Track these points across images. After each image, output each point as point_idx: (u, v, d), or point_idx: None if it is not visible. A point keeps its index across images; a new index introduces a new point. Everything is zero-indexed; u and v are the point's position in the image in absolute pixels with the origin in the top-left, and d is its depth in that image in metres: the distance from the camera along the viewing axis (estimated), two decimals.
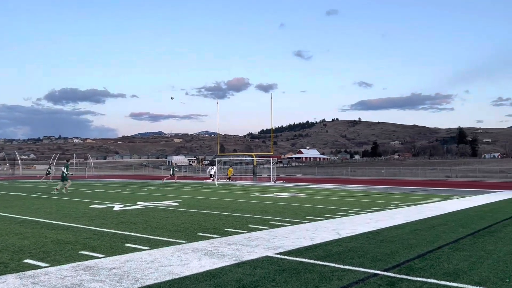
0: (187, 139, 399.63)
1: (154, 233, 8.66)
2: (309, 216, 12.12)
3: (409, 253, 7.09)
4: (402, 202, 17.48)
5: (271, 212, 12.90)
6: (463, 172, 65.92)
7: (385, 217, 12.05)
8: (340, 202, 17.14)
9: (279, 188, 28.48)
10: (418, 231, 9.60)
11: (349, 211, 13.50)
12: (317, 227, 9.91)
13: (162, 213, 12.28)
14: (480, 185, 35.85)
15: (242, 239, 8.13)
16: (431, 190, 27.30)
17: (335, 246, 7.60)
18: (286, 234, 8.88)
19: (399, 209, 14.58)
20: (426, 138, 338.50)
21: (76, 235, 8.45)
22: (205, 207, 14.33)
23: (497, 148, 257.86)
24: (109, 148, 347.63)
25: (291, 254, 6.83)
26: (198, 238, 8.22)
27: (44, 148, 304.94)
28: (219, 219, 11.18)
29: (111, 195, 20.09)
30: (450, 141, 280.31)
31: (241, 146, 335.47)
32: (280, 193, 22.59)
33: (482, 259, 6.71)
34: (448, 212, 13.53)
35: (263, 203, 16.20)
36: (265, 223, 10.52)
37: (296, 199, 18.42)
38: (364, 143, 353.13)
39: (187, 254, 6.68)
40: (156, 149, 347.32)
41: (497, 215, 12.84)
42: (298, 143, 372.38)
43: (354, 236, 8.73)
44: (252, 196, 19.68)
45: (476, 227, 10.26)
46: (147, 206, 14.33)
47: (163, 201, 16.58)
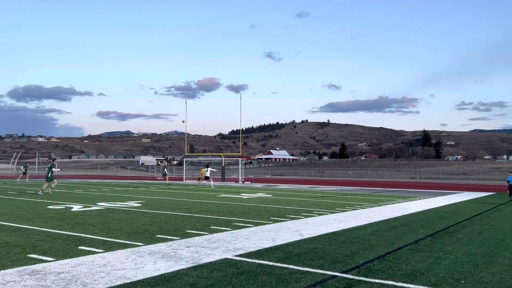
0: (156, 138, 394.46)
1: (111, 235, 8.35)
2: (274, 217, 12.03)
3: (369, 254, 7.09)
4: (366, 203, 17.66)
5: (236, 213, 12.74)
6: (427, 174, 67.65)
7: (348, 218, 12.10)
8: (306, 203, 17.16)
9: (246, 188, 28.35)
10: (379, 232, 9.65)
11: (313, 212, 13.50)
12: (280, 228, 9.82)
13: (123, 214, 11.93)
14: (442, 187, 36.82)
15: (203, 241, 7.94)
16: (395, 191, 27.80)
17: (296, 248, 7.52)
18: (248, 235, 8.75)
19: (363, 210, 14.70)
20: (392, 140, 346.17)
21: (27, 237, 8.04)
22: (169, 208, 14.03)
23: (460, 150, 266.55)
24: (74, 147, 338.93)
25: (251, 256, 6.70)
26: (157, 240, 7.97)
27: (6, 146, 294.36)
28: (181, 220, 10.93)
29: (72, 195, 19.44)
30: (415, 144, 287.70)
31: (211, 146, 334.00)
32: (247, 193, 22.46)
33: (440, 260, 6.77)
34: (410, 213, 13.73)
35: (229, 204, 16.02)
36: (228, 224, 10.35)
37: (262, 199, 18.33)
38: (332, 144, 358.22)
39: (142, 257, 6.44)
40: (123, 148, 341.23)
41: (456, 216, 13.12)
42: (268, 144, 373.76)
43: (316, 237, 8.69)
44: (218, 197, 19.47)
45: (436, 228, 10.42)
46: (108, 207, 13.90)
47: (126, 202, 16.15)
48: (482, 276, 5.83)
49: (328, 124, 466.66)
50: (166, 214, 12.28)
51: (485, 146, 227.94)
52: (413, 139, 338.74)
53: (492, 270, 6.16)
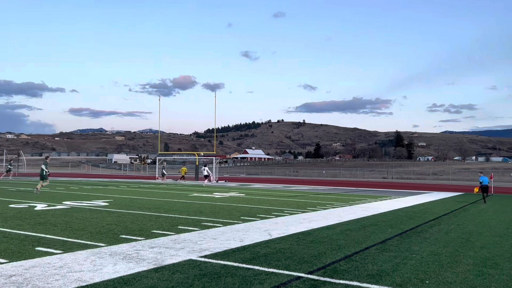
0: (130, 136, 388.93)
1: (72, 236, 8.05)
2: (244, 216, 11.89)
3: (336, 254, 7.03)
4: (338, 202, 17.73)
5: (206, 213, 12.55)
6: (398, 174, 68.82)
7: (319, 217, 12.07)
8: (278, 202, 17.09)
9: (220, 188, 28.13)
10: (348, 231, 9.64)
11: (284, 211, 13.43)
12: (249, 228, 9.69)
13: (88, 214, 11.57)
14: (413, 187, 37.46)
15: (168, 242, 7.73)
16: (367, 191, 28.08)
17: (264, 248, 7.40)
18: (216, 235, 8.58)
19: (334, 209, 14.72)
20: (366, 141, 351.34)
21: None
22: (137, 207, 13.71)
23: (431, 151, 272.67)
24: (45, 145, 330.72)
25: (216, 257, 6.54)
26: (121, 240, 7.72)
27: None
28: (149, 220, 10.67)
29: (34, 193, 18.82)
30: (388, 144, 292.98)
31: (186, 145, 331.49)
32: (220, 193, 22.25)
33: (406, 260, 6.76)
34: (380, 213, 13.82)
35: (200, 203, 15.80)
36: (196, 224, 10.15)
37: (235, 199, 18.17)
38: (307, 144, 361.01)
39: (102, 259, 6.19)
40: (96, 146, 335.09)
41: (425, 216, 13.27)
42: (244, 143, 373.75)
43: (285, 237, 8.59)
44: (190, 196, 19.20)
45: (404, 228, 10.48)
46: (74, 206, 13.49)
47: (93, 200, 15.73)
48: (446, 276, 5.84)
49: (304, 124, 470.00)
50: (133, 213, 11.98)
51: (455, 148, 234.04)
52: (386, 140, 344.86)
53: (456, 270, 6.18)
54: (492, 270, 6.24)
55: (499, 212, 14.93)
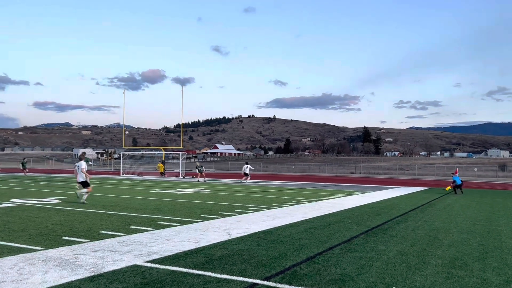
0: (97, 131, 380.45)
1: (7, 238, 7.22)
2: (205, 214, 11.26)
3: (298, 256, 6.50)
4: (305, 198, 17.31)
5: (164, 211, 11.83)
6: (366, 169, 69.54)
7: (283, 214, 11.57)
8: (243, 198, 16.52)
9: (185, 183, 27.34)
10: (313, 229, 9.16)
11: (249, 208, 12.87)
12: (208, 227, 9.07)
13: (34, 212, 10.66)
14: (380, 181, 37.67)
15: (115, 244, 7.02)
16: (335, 186, 27.89)
17: (220, 250, 6.80)
18: (170, 236, 7.92)
19: (300, 205, 14.27)
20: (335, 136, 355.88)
21: None
22: (91, 205, 12.84)
23: (398, 147, 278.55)
24: (8, 139, 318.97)
25: (165, 262, 5.89)
26: (61, 243, 6.95)
27: None
28: (100, 219, 9.88)
29: None
30: (356, 140, 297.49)
31: (156, 140, 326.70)
32: (184, 189, 21.50)
33: (371, 261, 6.31)
34: (346, 209, 13.45)
35: (160, 200, 15.04)
36: (151, 223, 9.45)
37: (198, 195, 17.48)
38: (278, 139, 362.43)
39: (33, 266, 5.44)
40: (61, 141, 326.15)
41: (392, 212, 12.98)
42: (214, 138, 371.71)
43: (245, 237, 8.02)
44: (151, 193, 18.38)
45: (370, 225, 10.10)
46: (21, 204, 12.50)
47: (45, 197, 14.73)
48: (414, 279, 5.40)
49: (274, 119, 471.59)
50: (84, 212, 11.14)
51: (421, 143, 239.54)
52: (354, 135, 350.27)
53: (425, 272, 5.75)
54: (461, 271, 5.85)
55: (465, 207, 14.84)
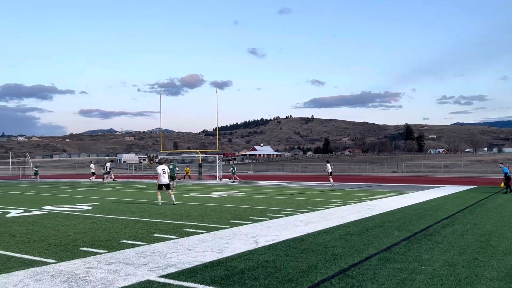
0: (139, 136, 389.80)
1: (23, 250, 6.92)
2: (235, 219, 10.71)
3: (329, 268, 5.81)
4: (342, 200, 16.47)
5: (193, 216, 11.38)
6: (409, 168, 67.17)
7: (317, 219, 10.85)
8: (277, 201, 15.88)
9: (220, 186, 26.99)
10: (349, 236, 8.41)
11: (281, 212, 12.23)
12: (236, 234, 8.50)
13: (62, 220, 10.46)
14: (424, 180, 36.00)
15: (133, 255, 6.58)
16: (375, 186, 26.75)
17: (243, 261, 6.21)
18: (193, 245, 7.40)
19: (336, 208, 13.48)
20: (376, 135, 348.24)
21: None
22: (120, 211, 12.59)
23: (442, 144, 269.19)
24: (56, 146, 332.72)
25: (180, 277, 5.36)
26: (77, 255, 6.58)
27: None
28: (125, 226, 9.53)
29: (21, 197, 17.83)
30: (398, 138, 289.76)
31: (196, 143, 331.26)
32: (218, 192, 21.10)
33: (414, 274, 5.53)
34: (387, 211, 12.55)
35: (191, 204, 14.65)
36: (177, 230, 8.99)
37: (231, 199, 16.99)
38: (316, 140, 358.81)
39: (38, 282, 5.04)
40: (106, 147, 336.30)
41: (437, 214, 11.98)
42: (252, 140, 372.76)
43: (273, 245, 7.39)
44: (184, 197, 18.06)
45: (413, 229, 9.23)
46: (51, 211, 12.41)
47: (77, 204, 14.65)
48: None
49: (312, 119, 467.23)
50: (112, 219, 10.86)
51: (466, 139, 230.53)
52: (395, 133, 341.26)
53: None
54: None
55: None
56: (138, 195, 19.09)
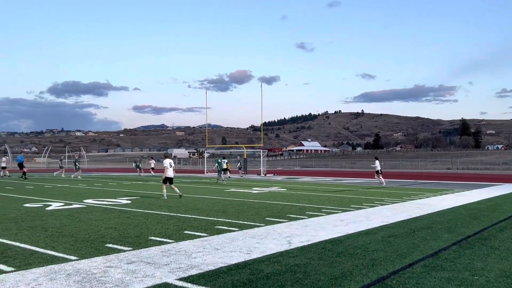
0: (189, 131, 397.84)
1: (50, 245, 6.80)
2: (271, 217, 10.24)
3: (366, 275, 5.21)
4: (389, 198, 15.57)
5: (229, 212, 11.03)
6: (464, 164, 63.85)
7: (360, 218, 10.16)
8: (319, 198, 15.24)
9: (263, 182, 26.60)
10: (392, 238, 7.71)
11: (322, 210, 11.62)
12: (269, 233, 8.03)
13: (97, 214, 10.42)
14: (481, 178, 33.88)
15: (157, 254, 6.26)
16: (427, 184, 25.38)
17: (272, 264, 5.72)
18: (221, 244, 7.01)
19: (382, 207, 12.67)
20: (429, 130, 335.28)
21: None
22: (158, 206, 12.46)
23: (501, 139, 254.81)
24: (111, 141, 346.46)
25: (200, 280, 4.95)
26: (101, 252, 6.35)
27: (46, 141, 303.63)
28: (158, 222, 9.31)
29: (66, 190, 18.24)
30: (453, 133, 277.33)
31: (243, 138, 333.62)
32: (260, 187, 20.70)
33: (464, 286, 4.83)
34: (437, 211, 11.62)
35: (230, 200, 14.32)
36: (208, 227, 8.64)
37: (272, 195, 16.53)
38: (366, 135, 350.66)
39: (52, 281, 4.80)
40: (158, 141, 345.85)
41: (493, 215, 10.92)
42: (300, 135, 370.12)
43: (307, 247, 6.85)
44: (225, 192, 17.80)
45: (465, 232, 8.36)
46: (90, 205, 12.47)
47: (117, 198, 14.72)
48: None
49: (362, 114, 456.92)
50: (147, 213, 10.70)
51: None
52: (450, 128, 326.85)
53: None
54: None
55: None
56: (180, 189, 19.01)
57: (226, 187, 21.18)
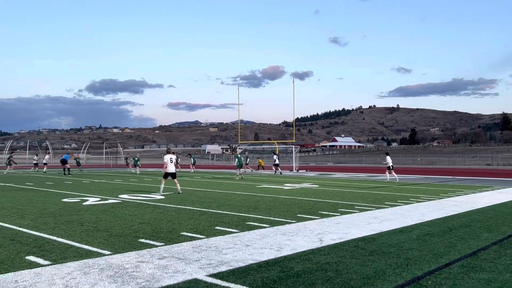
0: (222, 128, 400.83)
1: (85, 239, 6.96)
2: (302, 213, 10.14)
3: (399, 275, 5.05)
4: (426, 195, 15.14)
5: (260, 208, 11.00)
6: (506, 160, 61.42)
7: (394, 216, 9.92)
8: (352, 195, 15.00)
9: (295, 178, 26.44)
10: (428, 236, 7.47)
11: (355, 207, 11.41)
12: (300, 230, 7.94)
13: (132, 209, 10.62)
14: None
15: (188, 249, 6.30)
16: (466, 180, 24.55)
17: (302, 262, 5.64)
18: (252, 240, 6.98)
19: (418, 204, 12.33)
20: (468, 125, 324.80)
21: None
22: (190, 201, 12.58)
23: None
24: (147, 138, 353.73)
25: (230, 277, 4.94)
26: (134, 247, 6.45)
27: (85, 137, 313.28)
28: (190, 217, 9.39)
29: (103, 185, 18.71)
30: (493, 128, 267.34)
31: (276, 134, 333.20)
32: (292, 183, 20.59)
33: (505, 287, 4.60)
34: (476, 209, 11.20)
35: (262, 196, 14.30)
36: (239, 223, 8.64)
37: (304, 191, 16.39)
38: (402, 130, 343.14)
39: (86, 276, 4.91)
40: (192, 138, 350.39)
41: None
42: (333, 131, 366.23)
43: (339, 245, 6.73)
44: (257, 188, 17.80)
45: (506, 231, 8.01)
46: (125, 200, 12.74)
47: (151, 194, 14.97)
48: None
49: (398, 109, 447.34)
50: (180, 209, 10.82)
51: None
52: (491, 123, 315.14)
53: None
54: None
55: None
56: (212, 185, 19.19)
57: (259, 183, 21.18)
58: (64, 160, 31.02)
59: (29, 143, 78.81)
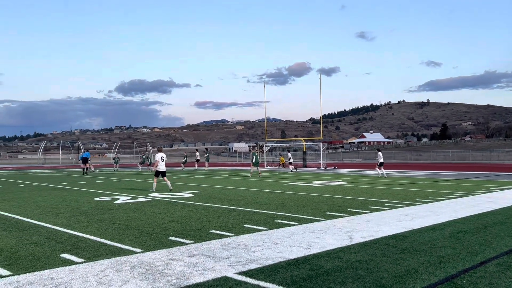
0: (249, 126, 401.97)
1: (117, 237, 7.10)
2: (331, 211, 10.05)
3: (433, 274, 4.94)
4: (458, 191, 14.77)
5: (288, 206, 10.97)
6: None
7: (426, 213, 9.71)
8: (382, 192, 14.77)
9: (323, 175, 26.24)
10: (461, 233, 7.28)
11: (385, 204, 11.24)
12: (329, 228, 7.88)
13: (161, 208, 10.78)
14: None
15: (217, 247, 6.35)
16: (500, 176, 23.81)
17: (332, 260, 5.59)
18: (281, 238, 6.97)
19: (450, 200, 12.03)
20: (502, 119, 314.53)
21: (19, 238, 7.08)
22: (219, 199, 12.67)
23: None
24: (175, 137, 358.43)
25: (259, 275, 4.94)
26: (164, 244, 6.54)
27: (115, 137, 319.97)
28: (219, 215, 9.45)
29: (133, 184, 19.05)
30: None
31: (303, 131, 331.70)
32: (320, 181, 20.44)
33: None
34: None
35: (289, 194, 14.26)
36: (268, 221, 8.64)
37: (332, 188, 16.25)
38: (433, 125, 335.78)
39: (118, 273, 5.00)
40: (219, 136, 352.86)
41: None
42: (362, 127, 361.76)
43: (369, 242, 6.63)
44: (284, 185, 17.75)
45: None
46: (155, 198, 12.93)
47: (180, 192, 15.15)
48: None
49: (428, 103, 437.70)
50: (209, 207, 10.91)
51: None
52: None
53: None
54: None
55: None
56: (240, 183, 19.26)
57: (287, 180, 21.13)
58: (85, 158, 30.82)
59: (61, 143, 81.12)
